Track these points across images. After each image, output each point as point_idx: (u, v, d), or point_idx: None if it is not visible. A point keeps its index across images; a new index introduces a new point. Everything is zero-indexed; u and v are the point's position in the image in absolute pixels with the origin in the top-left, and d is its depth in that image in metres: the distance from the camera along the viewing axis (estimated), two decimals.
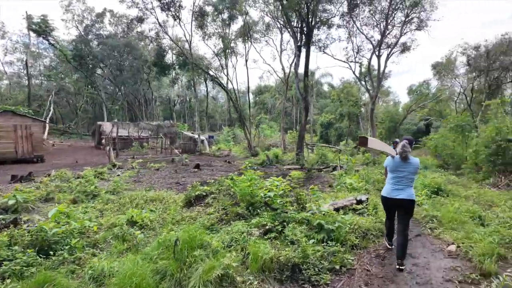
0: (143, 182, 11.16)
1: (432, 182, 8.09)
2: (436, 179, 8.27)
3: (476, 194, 7.62)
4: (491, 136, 10.45)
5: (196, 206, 6.25)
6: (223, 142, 34.14)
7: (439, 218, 5.55)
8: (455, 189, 8.12)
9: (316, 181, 11.79)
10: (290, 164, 17.88)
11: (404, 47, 20.33)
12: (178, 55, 26.95)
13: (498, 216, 5.50)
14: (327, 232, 4.29)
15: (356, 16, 19.74)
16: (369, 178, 10.59)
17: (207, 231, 4.77)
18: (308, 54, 17.92)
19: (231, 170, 15.20)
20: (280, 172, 14.42)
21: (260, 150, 25.20)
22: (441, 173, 13.40)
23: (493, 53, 15.12)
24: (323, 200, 6.67)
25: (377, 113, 37.07)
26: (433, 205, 6.52)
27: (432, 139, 19.73)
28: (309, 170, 14.55)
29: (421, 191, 7.88)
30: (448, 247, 4.41)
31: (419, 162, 4.11)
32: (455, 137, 15.21)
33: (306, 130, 18.91)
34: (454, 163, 14.70)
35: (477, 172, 11.85)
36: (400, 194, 3.88)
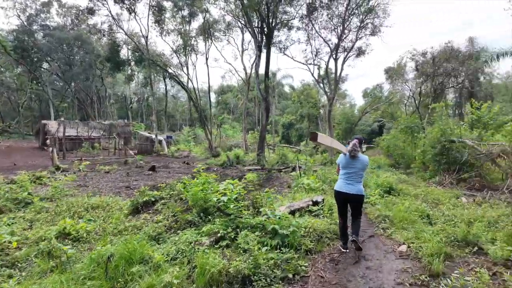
0: (89, 186, 10.19)
1: (384, 181, 8.35)
2: (388, 179, 8.58)
3: (424, 193, 8.00)
4: (437, 137, 11.16)
5: (144, 214, 5.72)
6: (183, 142, 33.04)
7: (391, 218, 5.65)
8: (405, 188, 8.46)
9: (275, 181, 11.70)
10: (251, 164, 17.72)
11: (359, 51, 21.23)
12: (134, 50, 25.45)
13: (443, 214, 5.75)
14: (281, 237, 4.08)
15: (315, 19, 20.19)
16: (325, 178, 10.74)
17: (152, 242, 4.33)
18: (268, 55, 17.93)
19: (189, 172, 14.60)
20: (241, 173, 14.15)
21: (221, 150, 24.74)
22: (392, 172, 14.11)
23: (438, 60, 16.40)
24: (280, 202, 6.52)
25: (335, 115, 38.43)
26: (386, 204, 6.68)
27: (385, 139, 20.87)
28: (269, 170, 14.48)
29: (374, 191, 8.10)
30: (399, 248, 4.45)
31: (370, 160, 4.54)
32: (405, 137, 16.15)
33: (267, 131, 18.84)
34: (404, 163, 15.59)
35: (425, 171, 12.63)
36: (350, 189, 4.17)
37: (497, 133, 11.12)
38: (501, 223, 5.10)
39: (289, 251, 3.88)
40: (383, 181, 8.46)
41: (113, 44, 25.77)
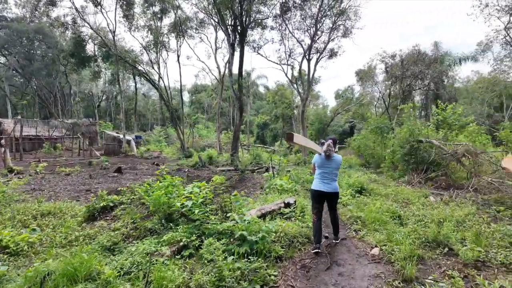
0: (44, 190, 9.32)
1: (355, 181, 8.35)
2: (359, 179, 8.58)
3: (394, 192, 8.06)
4: (405, 137, 11.42)
5: (101, 221, 5.19)
6: (153, 142, 31.89)
7: (363, 219, 5.55)
8: (376, 188, 8.51)
9: (248, 182, 11.42)
10: (225, 165, 17.32)
11: (331, 52, 21.51)
12: (100, 46, 24.07)
13: (414, 214, 5.74)
14: (250, 244, 3.79)
15: (288, 19, 20.17)
16: (298, 179, 10.62)
17: (106, 253, 3.87)
18: (242, 54, 17.61)
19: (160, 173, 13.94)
20: (213, 174, 13.71)
21: (194, 151, 24.06)
22: (363, 171, 14.32)
23: (406, 62, 16.97)
24: (251, 205, 6.24)
25: (308, 115, 38.96)
26: (357, 205, 6.61)
27: (356, 140, 21.29)
28: (242, 171, 14.17)
29: (346, 191, 8.06)
30: (372, 251, 4.31)
31: (342, 159, 4.69)
32: (375, 138, 16.49)
33: (241, 131, 18.53)
34: (374, 162, 15.91)
35: (394, 170, 12.92)
36: (327, 188, 4.35)
37: (460, 133, 11.58)
38: (468, 222, 5.15)
39: (258, 259, 3.58)
40: (354, 181, 8.45)
41: (78, 39, 24.22)
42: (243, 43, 17.65)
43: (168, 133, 35.31)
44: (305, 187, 9.78)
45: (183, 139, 22.80)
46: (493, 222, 5.51)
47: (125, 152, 22.12)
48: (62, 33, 30.21)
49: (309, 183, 10.43)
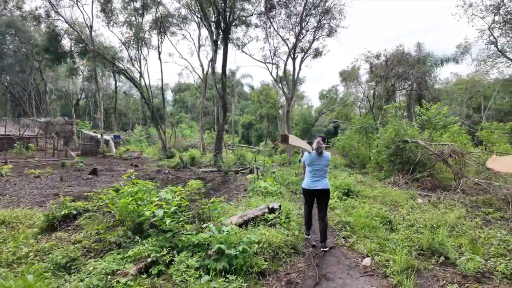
0: (6, 195, 8.50)
1: (342, 183, 8.03)
2: (346, 181, 8.27)
3: (381, 194, 7.80)
4: (391, 137, 11.27)
5: (61, 231, 4.58)
6: (134, 142, 30.81)
7: (351, 225, 5.20)
8: (363, 189, 8.23)
9: (232, 184, 10.94)
10: (208, 166, 16.75)
11: (316, 52, 21.31)
12: (77, 41, 22.85)
13: (404, 218, 5.45)
14: (228, 259, 3.32)
15: (273, 17, 19.78)
16: (283, 180, 10.25)
17: (61, 273, 3.31)
18: (226, 51, 17.10)
19: (136, 175, 13.23)
20: (195, 175, 13.14)
21: (176, 151, 23.30)
22: (348, 172, 14.15)
23: (391, 62, 16.96)
24: (233, 210, 5.77)
25: (293, 115, 38.86)
26: (345, 209, 6.28)
27: (340, 140, 21.18)
28: (226, 172, 13.67)
29: (333, 193, 7.73)
30: (363, 261, 3.95)
31: (331, 157, 4.77)
32: (359, 138, 16.38)
33: (225, 130, 18.01)
34: (359, 163, 15.79)
35: (379, 171, 12.78)
36: (318, 185, 4.41)
37: (444, 133, 11.55)
38: (462, 227, 4.89)
39: (237, 277, 3.12)
40: (341, 182, 8.13)
41: (52, 33, 22.91)
42: (226, 41, 17.14)
43: (149, 133, 34.23)
44: (290, 189, 9.42)
45: (165, 139, 22.01)
46: (484, 226, 5.31)
47: (103, 152, 21.10)
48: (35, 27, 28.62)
49: (294, 184, 10.08)
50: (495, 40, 15.02)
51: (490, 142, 13.35)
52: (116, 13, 22.82)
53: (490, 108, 33.21)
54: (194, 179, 11.78)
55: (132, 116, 56.73)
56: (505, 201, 6.72)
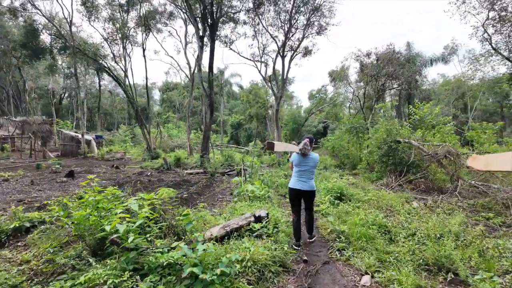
0: None
1: (334, 186, 7.54)
2: (338, 184, 7.79)
3: (375, 198, 7.35)
4: (382, 137, 10.89)
5: (9, 248, 3.89)
6: (118, 143, 29.75)
7: (346, 234, 4.69)
8: (356, 193, 7.76)
9: (217, 187, 10.34)
10: (194, 167, 16.08)
11: (306, 50, 20.92)
12: (56, 36, 21.75)
13: (404, 227, 4.97)
14: (203, 285, 2.74)
15: (262, 14, 19.27)
16: (272, 183, 9.71)
17: None
18: (212, 48, 16.45)
19: (117, 177, 12.47)
20: (179, 177, 12.47)
21: (161, 152, 22.50)
22: (338, 173, 13.74)
23: (381, 61, 16.68)
24: (215, 220, 5.19)
25: (282, 115, 38.47)
26: (338, 215, 5.78)
27: (330, 140, 20.83)
28: (212, 174, 13.05)
29: (325, 197, 7.24)
30: (362, 280, 3.43)
31: (319, 158, 4.71)
32: (349, 138, 16.02)
33: (213, 130, 17.37)
34: (349, 163, 15.41)
35: (371, 172, 12.40)
36: (303, 186, 4.40)
37: (437, 133, 11.25)
38: (467, 236, 4.44)
39: None
40: (333, 185, 7.64)
41: (29, 28, 21.78)
42: (213, 37, 16.50)
43: (135, 133, 33.15)
44: (279, 192, 8.88)
45: (149, 139, 21.17)
46: (488, 233, 4.90)
47: (83, 153, 20.09)
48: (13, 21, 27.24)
49: (284, 187, 9.55)
50: (489, 37, 14.88)
51: (479, 142, 13.19)
52: (100, 8, 21.82)
53: (476, 108, 33.66)
54: (177, 182, 11.13)
55: (118, 116, 55.21)
56: (505, 205, 6.36)
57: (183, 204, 6.87)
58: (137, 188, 8.35)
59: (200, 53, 15.71)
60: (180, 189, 9.90)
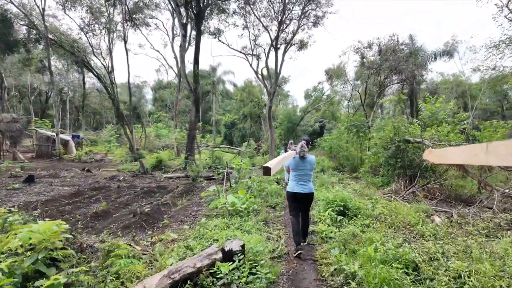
0: None
1: (336, 197, 6.00)
2: (341, 194, 6.23)
3: (387, 211, 5.86)
4: (389, 136, 9.40)
5: None
6: (103, 143, 28.01)
7: (358, 278, 3.15)
8: (363, 205, 6.23)
9: (196, 195, 8.75)
10: (176, 171, 14.46)
11: (301, 44, 19.40)
12: (30, 27, 19.93)
13: (440, 263, 3.43)
14: None
15: (254, 3, 17.68)
16: (260, 191, 8.17)
17: None
18: (198, 39, 14.84)
19: (84, 182, 10.82)
20: (155, 183, 10.85)
21: (145, 153, 20.85)
22: (337, 176, 12.26)
23: (384, 52, 15.19)
24: (162, 259, 3.62)
25: (277, 115, 36.96)
26: (344, 241, 4.24)
27: (327, 140, 19.33)
28: (193, 179, 11.45)
29: (324, 212, 5.70)
30: None
31: (315, 161, 4.51)
32: (349, 137, 14.53)
33: (205, 130, 15.77)
34: (349, 165, 13.93)
35: (375, 175, 10.93)
36: (303, 189, 4.26)
37: (451, 132, 9.78)
38: None
39: None
40: (334, 196, 6.09)
41: (1, 18, 19.97)
42: (199, 26, 14.89)
43: (121, 133, 31.34)
44: (269, 203, 7.31)
45: (132, 139, 19.51)
46: None
47: (58, 154, 18.34)
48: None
49: (274, 195, 8.02)
50: None
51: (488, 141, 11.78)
52: None
53: (477, 108, 32.50)
54: (150, 189, 9.51)
55: (108, 115, 53.19)
56: None
57: (139, 225, 5.30)
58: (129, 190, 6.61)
59: (182, 42, 14.08)
60: (151, 197, 8.32)
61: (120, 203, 7.24)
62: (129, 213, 6.21)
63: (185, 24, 14.03)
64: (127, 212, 6.49)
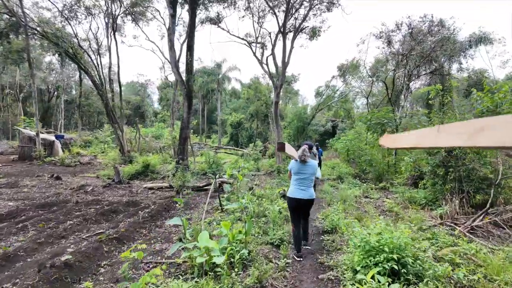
0: None
1: (384, 242, 3.44)
2: (395, 240, 3.55)
3: (465, 268, 3.35)
4: None
5: None
6: (97, 144, 26.06)
7: None
8: (424, 254, 3.70)
9: (171, 217, 6.39)
10: (164, 177, 12.16)
11: (313, 31, 16.86)
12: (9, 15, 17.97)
13: None
14: None
15: None
16: (258, 216, 5.72)
17: None
18: (193, 22, 12.50)
19: (37, 197, 8.53)
20: (128, 197, 8.54)
21: (138, 155, 18.62)
22: (360, 187, 9.75)
23: (417, 34, 12.44)
24: None
25: (286, 113, 34.50)
26: None
27: (342, 141, 16.71)
28: (178, 191, 9.07)
29: (365, 273, 3.21)
30: None
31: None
32: (373, 138, 11.94)
33: (190, 129, 13.48)
34: (374, 173, 11.36)
35: (412, 186, 8.37)
36: (304, 195, 4.21)
37: None
38: None
39: None
40: (380, 242, 3.51)
41: None
42: (194, 8, 12.54)
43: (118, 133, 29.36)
44: (270, 238, 4.80)
45: (122, 140, 17.37)
46: None
47: (38, 156, 16.30)
48: None
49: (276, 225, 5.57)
50: None
51: None
52: None
53: None
54: (115, 206, 7.16)
55: None
56: None
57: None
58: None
59: (170, 23, 11.73)
60: (108, 221, 6.00)
61: (51, 235, 4.93)
62: (40, 263, 3.86)
63: (174, 1, 11.69)
64: (48, 256, 4.17)
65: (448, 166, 6.74)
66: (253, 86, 34.21)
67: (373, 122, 11.56)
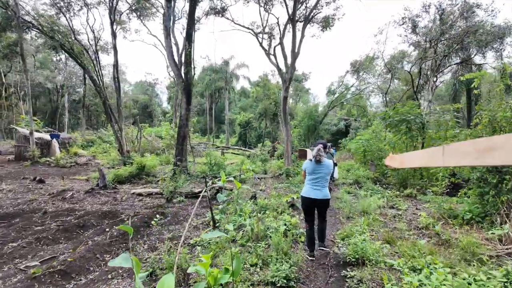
0: None
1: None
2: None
3: None
4: (489, 133, 5.35)
5: None
6: (100, 143, 25.24)
7: None
8: None
9: (151, 236, 5.12)
10: (159, 181, 10.93)
11: (325, 21, 15.37)
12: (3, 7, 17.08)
13: None
14: None
15: None
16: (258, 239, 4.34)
17: None
18: (193, 9, 11.27)
19: (6, 205, 7.39)
20: (110, 206, 7.31)
21: (138, 156, 17.51)
22: (383, 194, 8.29)
23: (448, 15, 10.81)
24: None
25: (296, 112, 33.01)
26: None
27: (358, 141, 15.11)
28: (168, 199, 7.79)
29: None
30: None
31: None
32: (397, 137, 10.39)
33: (189, 127, 12.22)
34: (398, 177, 9.83)
35: (451, 194, 6.87)
36: (318, 194, 4.12)
37: None
38: None
39: None
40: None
41: None
42: None
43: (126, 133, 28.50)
44: (270, 276, 3.42)
45: (121, 139, 16.28)
46: None
47: (32, 156, 15.39)
48: None
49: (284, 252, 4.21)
50: None
51: None
52: None
53: None
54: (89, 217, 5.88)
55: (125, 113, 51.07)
56: None
57: None
58: None
59: (166, 9, 10.50)
60: (71, 239, 4.77)
61: None
62: None
63: None
64: None
65: (503, 172, 5.23)
66: (261, 84, 32.86)
67: (395, 119, 10.01)
